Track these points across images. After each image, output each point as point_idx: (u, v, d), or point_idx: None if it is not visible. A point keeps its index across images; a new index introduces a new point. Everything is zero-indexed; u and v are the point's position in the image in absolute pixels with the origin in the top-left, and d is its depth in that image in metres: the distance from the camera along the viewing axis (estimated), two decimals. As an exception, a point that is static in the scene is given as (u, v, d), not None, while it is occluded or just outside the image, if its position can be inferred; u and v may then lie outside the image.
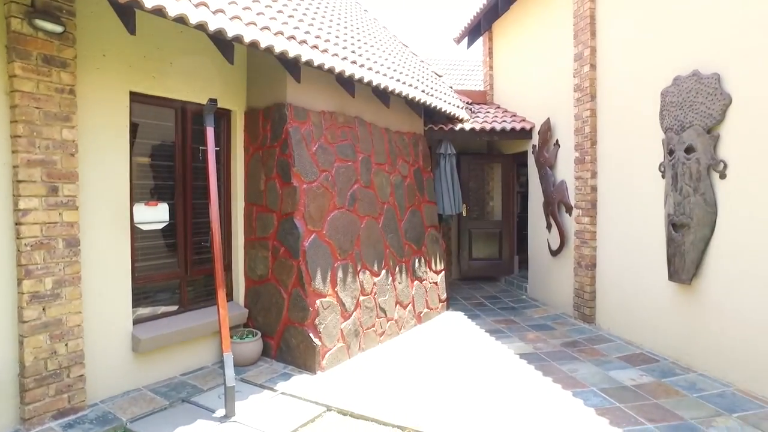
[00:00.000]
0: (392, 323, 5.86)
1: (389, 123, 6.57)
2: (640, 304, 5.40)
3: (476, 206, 9.47)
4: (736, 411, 3.84)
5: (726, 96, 4.27)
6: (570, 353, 5.28)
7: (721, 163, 4.33)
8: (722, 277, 4.38)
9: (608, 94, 6.00)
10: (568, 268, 6.78)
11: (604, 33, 6.07)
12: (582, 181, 6.37)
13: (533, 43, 8.00)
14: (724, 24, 4.36)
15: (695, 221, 4.49)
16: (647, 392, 4.23)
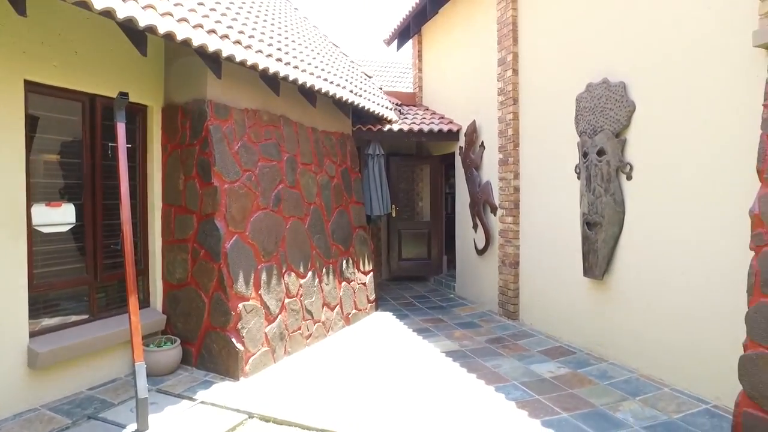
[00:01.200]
0: (319, 325, 5.76)
1: (316, 122, 6.48)
2: (559, 299, 5.66)
3: (405, 207, 9.56)
4: (639, 394, 4.11)
5: (631, 103, 4.57)
6: (494, 349, 5.43)
7: (628, 165, 4.62)
8: (628, 272, 4.67)
9: (530, 98, 6.25)
10: (494, 266, 6.99)
11: (526, 39, 6.32)
12: (506, 181, 6.60)
13: (460, 47, 8.20)
14: (628, 37, 4.66)
15: (606, 220, 4.77)
16: (564, 383, 4.43)
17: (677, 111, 4.18)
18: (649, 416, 3.75)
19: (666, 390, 4.19)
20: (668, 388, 4.22)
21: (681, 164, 4.15)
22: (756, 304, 3.27)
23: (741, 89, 3.64)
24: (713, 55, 3.87)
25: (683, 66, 4.12)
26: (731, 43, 3.70)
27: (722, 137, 3.80)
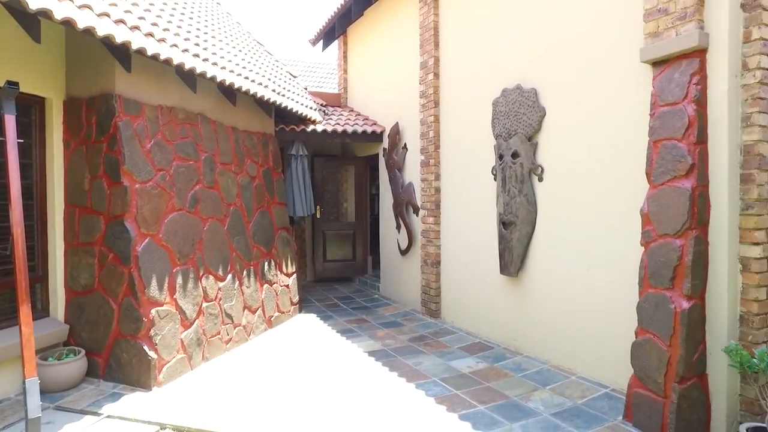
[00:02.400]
0: (240, 329, 5.60)
1: (237, 122, 6.30)
2: (478, 297, 5.88)
3: (330, 208, 9.54)
4: (549, 384, 4.37)
5: (542, 109, 4.85)
6: (416, 347, 5.54)
7: (540, 167, 4.90)
8: (540, 269, 4.95)
9: (450, 101, 6.45)
10: (416, 266, 7.14)
11: (447, 44, 6.52)
12: (427, 183, 6.76)
13: (385, 49, 8.30)
14: (540, 47, 4.94)
15: (520, 219, 5.01)
16: (481, 377, 4.60)
17: (581, 117, 4.48)
18: (557, 403, 3.99)
19: (573, 378, 4.47)
20: (575, 376, 4.52)
21: (584, 167, 4.46)
22: (645, 294, 3.58)
23: (633, 100, 3.97)
24: (611, 68, 4.19)
25: (586, 77, 4.43)
26: (625, 58, 4.03)
27: (619, 143, 4.12)
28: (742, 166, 3.40)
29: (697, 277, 3.36)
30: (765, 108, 3.36)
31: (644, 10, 3.79)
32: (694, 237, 3.34)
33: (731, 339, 3.38)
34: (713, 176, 3.42)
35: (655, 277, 3.51)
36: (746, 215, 3.37)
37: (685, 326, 3.31)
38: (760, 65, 3.33)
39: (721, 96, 3.38)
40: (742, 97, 3.40)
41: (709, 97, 3.45)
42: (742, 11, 3.41)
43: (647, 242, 3.62)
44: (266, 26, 32.13)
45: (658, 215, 3.53)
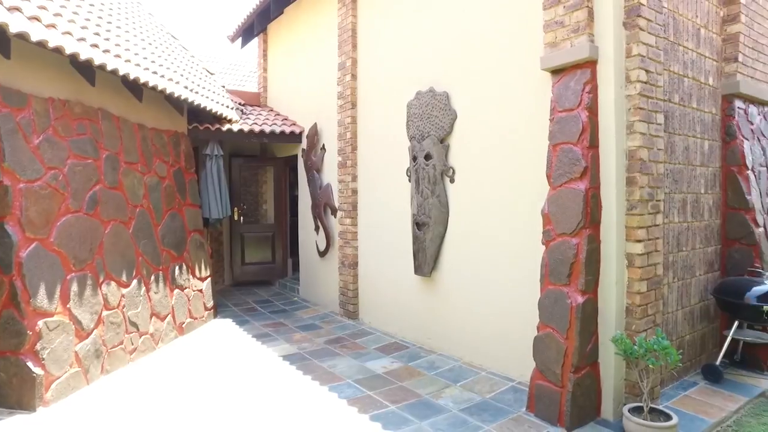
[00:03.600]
0: (147, 338, 5.28)
1: (144, 119, 5.94)
2: (394, 297, 5.94)
3: (249, 209, 9.27)
4: (460, 381, 4.49)
5: (453, 112, 4.99)
6: (332, 350, 5.50)
7: (451, 169, 5.03)
8: (452, 269, 5.09)
9: (367, 103, 6.47)
10: (335, 267, 7.10)
11: (364, 46, 6.54)
12: (344, 184, 6.75)
13: (304, 49, 8.19)
14: (451, 51, 5.09)
15: (433, 220, 5.12)
16: (395, 377, 4.65)
17: (490, 121, 4.66)
18: (466, 399, 4.11)
19: (483, 374, 4.63)
20: (485, 372, 4.68)
21: (493, 169, 4.63)
22: (545, 291, 3.77)
23: (536, 105, 4.18)
24: (517, 75, 4.39)
25: (494, 82, 4.61)
26: (529, 66, 4.24)
27: (524, 146, 4.32)
28: (627, 169, 3.68)
29: (591, 273, 3.59)
30: (645, 117, 3.66)
31: (544, 21, 4.01)
32: (588, 235, 3.57)
33: (618, 329, 3.65)
34: (604, 178, 3.68)
35: (554, 274, 3.71)
36: (631, 215, 3.65)
37: (579, 319, 3.53)
38: (639, 78, 3.62)
39: (609, 104, 3.64)
40: (626, 106, 3.68)
41: (600, 105, 3.70)
42: (624, 29, 3.69)
43: (547, 241, 3.82)
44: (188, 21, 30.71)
45: (557, 215, 3.74)
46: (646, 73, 3.68)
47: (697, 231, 4.58)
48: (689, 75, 4.46)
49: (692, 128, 4.51)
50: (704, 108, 4.68)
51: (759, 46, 5.20)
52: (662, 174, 3.88)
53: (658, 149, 3.81)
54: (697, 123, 4.58)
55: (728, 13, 4.91)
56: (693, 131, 4.52)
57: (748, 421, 3.85)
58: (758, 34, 5.17)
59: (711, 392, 4.21)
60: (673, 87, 4.26)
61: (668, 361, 3.34)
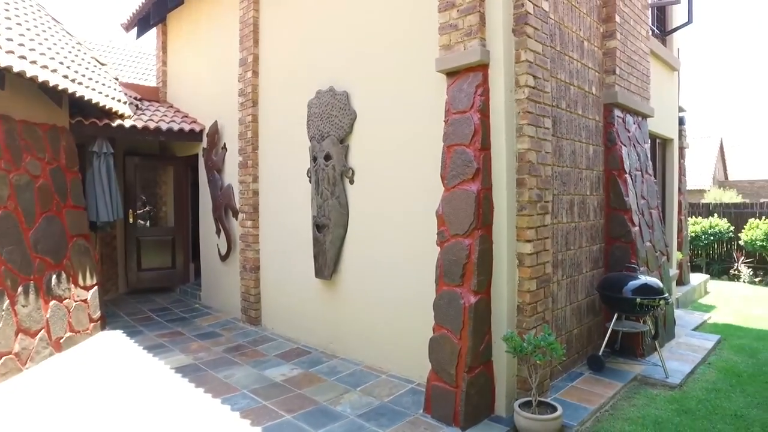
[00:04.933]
0: (9, 359, 4.69)
1: (10, 109, 5.29)
2: (296, 302, 5.76)
3: (147, 212, 8.64)
4: (360, 385, 4.42)
5: (353, 112, 4.91)
6: (231, 359, 5.22)
7: (351, 170, 4.96)
8: (353, 271, 5.01)
9: (269, 101, 6.24)
10: (236, 272, 6.78)
11: (266, 42, 6.30)
12: (245, 185, 6.46)
13: (206, 43, 7.76)
14: (352, 50, 5.01)
15: (333, 222, 5.02)
16: (294, 385, 4.48)
17: (389, 122, 4.63)
18: (365, 404, 4.04)
19: (384, 377, 4.59)
20: (386, 375, 4.64)
21: (392, 170, 4.61)
22: (440, 292, 3.79)
23: (433, 106, 4.20)
24: (415, 76, 4.40)
25: (393, 83, 4.59)
26: (426, 68, 4.25)
27: (421, 147, 4.32)
28: (517, 171, 3.79)
29: (483, 274, 3.66)
30: (533, 121, 3.80)
31: (439, 24, 4.04)
32: (480, 236, 3.63)
33: (510, 327, 3.75)
34: (495, 180, 3.76)
35: (448, 275, 3.74)
36: (521, 216, 3.77)
37: (472, 319, 3.57)
38: (528, 83, 3.75)
39: (500, 107, 3.74)
40: (515, 110, 3.79)
41: (491, 108, 3.79)
42: (513, 35, 3.81)
43: (442, 242, 3.84)
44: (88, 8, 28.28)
45: (450, 216, 3.77)
46: (534, 79, 3.82)
47: (583, 230, 4.85)
48: (575, 83, 4.72)
49: (578, 134, 4.77)
50: (589, 115, 4.98)
51: (632, 62, 5.64)
52: (551, 176, 4.05)
53: (546, 152, 3.97)
54: (583, 129, 4.85)
55: (606, 30, 5.26)
56: (579, 136, 4.79)
57: (622, 404, 4.13)
58: (631, 51, 5.60)
59: (594, 381, 4.47)
60: (561, 94, 4.48)
61: (554, 356, 3.47)
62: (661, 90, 7.26)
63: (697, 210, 13.20)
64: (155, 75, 13.14)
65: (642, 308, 4.47)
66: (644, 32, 6.02)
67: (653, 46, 6.80)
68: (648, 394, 4.36)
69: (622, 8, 5.38)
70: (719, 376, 4.84)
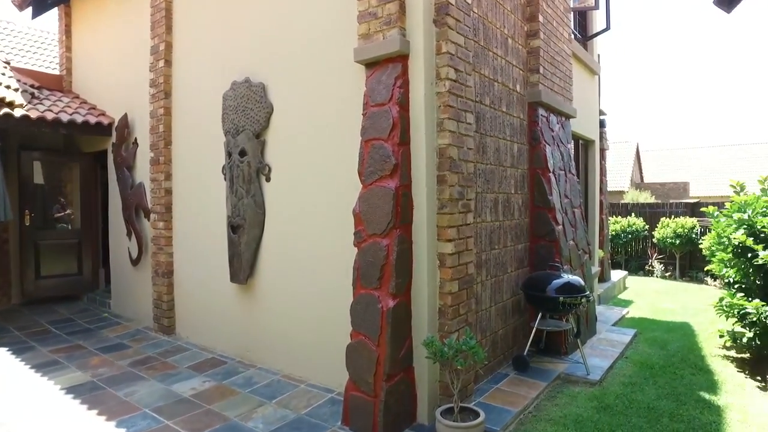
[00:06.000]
0: None
1: None
2: (212, 308, 5.35)
3: (46, 213, 7.83)
4: (276, 397, 4.11)
5: (269, 105, 4.59)
6: (136, 373, 4.73)
7: (267, 166, 4.63)
8: (270, 275, 4.68)
9: (183, 93, 5.78)
10: (148, 277, 6.24)
11: (180, 29, 5.82)
12: (157, 183, 5.95)
13: (115, 27, 7.11)
14: (269, 39, 4.69)
15: (248, 222, 4.67)
16: (204, 399, 4.09)
17: (307, 115, 4.35)
18: (279, 417, 3.74)
19: (302, 387, 4.30)
20: (305, 384, 4.35)
21: (310, 166, 4.33)
22: (358, 296, 3.56)
23: (353, 99, 3.96)
24: (333, 67, 4.14)
25: (311, 74, 4.31)
26: (344, 58, 4.01)
27: (340, 142, 4.08)
28: (438, 167, 3.63)
29: (402, 275, 3.46)
30: (454, 115, 3.66)
31: (358, 12, 3.81)
32: (399, 236, 3.44)
33: (431, 331, 3.58)
34: (415, 177, 3.58)
35: (365, 277, 3.52)
36: (441, 214, 3.61)
37: (390, 324, 3.36)
38: (449, 76, 3.60)
39: (420, 101, 3.56)
40: (436, 103, 3.63)
41: (411, 101, 3.60)
42: (435, 26, 3.65)
43: (359, 243, 3.62)
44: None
45: (368, 215, 3.55)
46: (455, 72, 3.68)
47: (508, 229, 4.80)
48: (499, 80, 4.65)
49: (503, 131, 4.71)
50: (513, 113, 4.93)
51: (556, 62, 5.69)
52: (473, 173, 3.93)
53: (468, 148, 3.84)
54: (507, 126, 4.80)
55: (530, 29, 5.26)
56: (504, 134, 4.73)
57: (545, 404, 4.09)
58: (554, 51, 5.65)
59: (519, 382, 4.41)
60: (485, 90, 4.39)
61: (476, 361, 3.33)
62: (583, 92, 7.45)
63: (617, 210, 13.84)
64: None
65: (565, 307, 4.46)
66: (567, 34, 6.10)
67: (575, 49, 6.95)
68: (570, 392, 4.35)
69: (545, 9, 5.40)
70: (635, 370, 4.95)
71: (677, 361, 5.29)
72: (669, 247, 11.58)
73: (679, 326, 6.89)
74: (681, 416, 3.92)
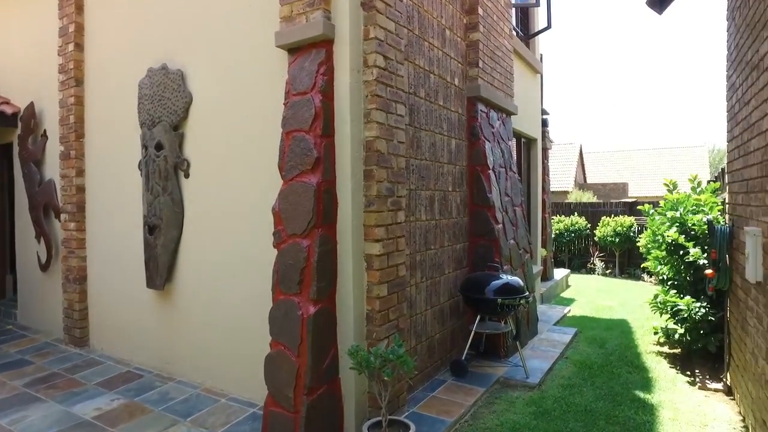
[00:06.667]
0: None
1: None
2: (128, 317, 4.87)
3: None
4: (193, 413, 3.73)
5: (188, 94, 4.19)
6: (32, 394, 4.20)
7: (186, 161, 4.23)
8: (190, 280, 4.28)
9: (96, 80, 5.25)
10: (59, 284, 5.65)
11: (92, 8, 5.28)
12: (68, 180, 5.39)
13: (21, 6, 6.42)
14: (188, 23, 4.29)
15: (165, 222, 4.25)
16: (108, 421, 3.65)
17: (229, 106, 3.99)
18: (192, 439, 3.37)
19: (222, 401, 3.93)
20: (226, 398, 3.99)
21: (232, 162, 3.97)
22: (276, 302, 3.25)
23: (276, 88, 3.64)
24: (257, 53, 3.80)
25: (234, 60, 3.95)
26: (267, 44, 3.68)
27: (265, 135, 3.74)
28: (364, 162, 3.36)
29: (324, 279, 3.17)
30: (383, 106, 3.40)
31: (280, -8, 3.50)
32: (320, 236, 3.15)
33: (359, 339, 3.31)
34: (340, 172, 3.30)
35: (284, 281, 3.21)
36: (369, 212, 3.34)
37: (311, 333, 3.07)
38: (377, 63, 3.34)
39: (345, 89, 3.28)
40: (363, 93, 3.37)
41: (336, 90, 3.32)
42: (362, 9, 3.38)
43: (278, 243, 3.30)
44: None
45: (288, 213, 3.24)
46: (384, 59, 3.42)
47: (445, 228, 4.60)
48: (435, 72, 4.44)
49: (439, 125, 4.51)
50: (451, 107, 4.74)
51: (496, 57, 5.56)
52: (404, 168, 3.69)
53: (399, 142, 3.60)
54: (444, 121, 4.60)
55: (470, 22, 5.09)
56: (440, 128, 4.52)
57: (482, 412, 3.91)
58: (495, 46, 5.52)
59: (456, 388, 4.21)
60: (419, 81, 4.16)
61: (405, 370, 3.08)
62: (526, 91, 7.40)
63: (561, 209, 14.09)
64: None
65: (504, 308, 4.31)
66: (508, 30, 6.00)
67: (517, 47, 6.88)
68: (509, 397, 4.20)
69: (485, 2, 5.25)
70: (574, 371, 4.87)
71: (615, 359, 5.27)
72: (609, 245, 11.85)
73: (618, 323, 6.95)
74: (617, 418, 3.84)
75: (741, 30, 3.77)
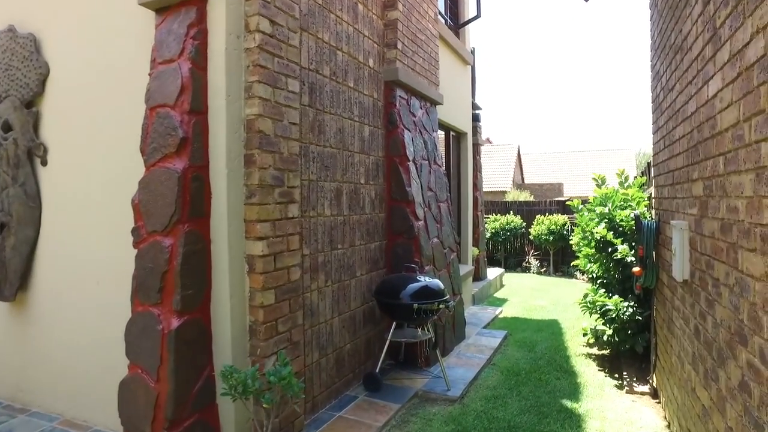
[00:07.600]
0: None
1: None
2: (-19, 333, 4.06)
3: None
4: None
5: (44, 64, 3.48)
6: None
7: (42, 146, 3.51)
8: (47, 289, 3.55)
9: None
10: None
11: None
12: None
13: None
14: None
15: (16, 219, 3.52)
16: (-75, 468, 2.91)
17: (94, 79, 3.31)
18: (30, 488, 2.69)
19: (87, 435, 3.27)
20: (91, 430, 3.32)
21: (98, 146, 3.30)
22: (134, 314, 2.64)
23: (147, 57, 3.02)
24: (124, 16, 3.14)
25: (99, 23, 3.28)
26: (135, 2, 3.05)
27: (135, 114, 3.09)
28: (245, 145, 2.82)
29: (192, 286, 2.60)
30: (269, 79, 2.87)
31: (147, -59, 2.89)
32: (186, 233, 2.57)
33: (241, 356, 2.76)
34: (213, 156, 2.74)
35: (143, 290, 2.61)
36: (250, 205, 2.80)
37: (173, 352, 2.49)
38: (259, 28, 2.81)
39: (220, 57, 2.73)
40: (244, 62, 2.82)
41: (210, 58, 2.76)
42: (243, -39, 2.84)
43: (138, 243, 2.70)
44: None
45: (148, 206, 2.65)
46: (270, 24, 2.89)
47: (356, 225, 4.12)
48: (344, 49, 3.95)
49: (349, 109, 4.02)
50: (364, 90, 4.27)
51: (418, 40, 5.15)
52: (297, 155, 3.17)
53: (291, 123, 3.08)
54: (356, 105, 4.12)
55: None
56: (350, 113, 4.04)
57: (395, 435, 3.45)
58: (417, 29, 5.11)
59: (367, 405, 3.73)
60: (322, 57, 3.66)
61: (291, 394, 2.56)
62: (454, 82, 7.07)
63: (497, 208, 14.02)
64: None
65: (421, 314, 3.87)
66: (432, 13, 5.61)
67: (445, 34, 6.53)
68: (426, 414, 3.76)
69: (405, -21, 4.83)
70: (501, 379, 4.52)
71: (544, 363, 4.98)
72: (544, 243, 11.82)
73: (549, 324, 6.73)
74: (541, 433, 3.49)
75: (663, 14, 3.53)
